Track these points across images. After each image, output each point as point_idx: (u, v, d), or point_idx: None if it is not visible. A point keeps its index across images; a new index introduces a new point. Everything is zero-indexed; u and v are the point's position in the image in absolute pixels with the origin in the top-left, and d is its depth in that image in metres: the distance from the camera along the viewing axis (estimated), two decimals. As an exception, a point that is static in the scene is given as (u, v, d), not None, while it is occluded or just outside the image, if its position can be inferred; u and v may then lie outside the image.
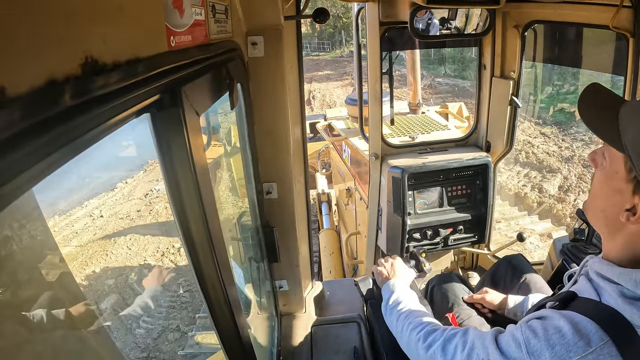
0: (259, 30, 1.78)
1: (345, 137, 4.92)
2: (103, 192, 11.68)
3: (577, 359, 0.98)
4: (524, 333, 1.08)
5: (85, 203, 11.15)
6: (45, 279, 1.23)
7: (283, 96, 1.94)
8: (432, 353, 1.35)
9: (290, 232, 2.27)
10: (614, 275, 1.06)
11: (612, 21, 2.26)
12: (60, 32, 0.54)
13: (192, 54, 1.02)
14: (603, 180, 1.09)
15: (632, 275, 1.02)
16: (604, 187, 1.09)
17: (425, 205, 3.24)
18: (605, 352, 0.96)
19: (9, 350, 0.90)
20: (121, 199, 11.71)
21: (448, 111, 5.58)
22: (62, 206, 10.29)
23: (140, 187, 11.79)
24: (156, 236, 9.65)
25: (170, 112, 0.90)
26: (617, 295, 1.03)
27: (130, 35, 0.75)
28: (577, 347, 0.98)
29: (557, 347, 1.00)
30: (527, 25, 2.87)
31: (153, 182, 11.23)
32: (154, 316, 6.53)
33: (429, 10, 2.84)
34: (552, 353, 1.01)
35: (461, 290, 2.14)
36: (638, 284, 1.00)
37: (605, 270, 1.10)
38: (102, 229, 10.24)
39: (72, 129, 0.55)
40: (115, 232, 10.14)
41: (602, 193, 1.10)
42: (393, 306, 1.69)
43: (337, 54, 42.19)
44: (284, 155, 2.07)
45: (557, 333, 1.02)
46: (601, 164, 1.10)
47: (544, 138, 14.11)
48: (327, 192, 7.30)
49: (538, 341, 1.04)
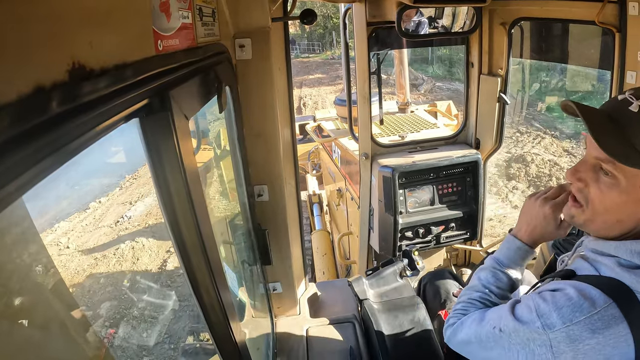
0: (246, 32, 1.77)
1: (335, 138, 4.91)
2: (75, 213, 10.15)
3: (583, 318, 1.02)
4: (534, 300, 1.13)
5: (55, 226, 9.70)
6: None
7: (272, 98, 1.94)
8: (452, 331, 1.38)
9: (282, 234, 2.26)
10: (610, 248, 1.12)
11: (597, 17, 2.29)
12: (47, 38, 0.53)
13: (180, 58, 1.02)
14: (617, 195, 1.09)
15: (628, 246, 1.08)
16: (620, 201, 1.09)
17: (416, 204, 3.25)
18: (609, 314, 1.01)
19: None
20: (92, 224, 9.94)
21: (437, 109, 5.60)
22: (38, 226, 8.67)
23: (114, 209, 10.22)
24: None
25: (159, 117, 0.89)
26: (614, 265, 1.08)
27: (117, 40, 0.74)
28: (582, 308, 1.03)
29: (564, 309, 1.05)
30: (513, 23, 2.90)
31: (126, 206, 9.81)
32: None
33: (417, 9, 2.86)
34: (560, 314, 1.05)
35: (453, 286, 2.15)
36: (634, 253, 1.06)
37: (600, 246, 1.16)
38: (65, 268, 8.24)
39: (60, 136, 0.54)
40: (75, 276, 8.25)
41: (619, 207, 1.10)
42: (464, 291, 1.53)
43: (328, 55, 40.20)
44: (274, 157, 2.06)
45: (565, 297, 1.07)
46: (602, 180, 1.11)
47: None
48: (318, 193, 7.29)
49: (546, 304, 1.09)
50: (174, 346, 6.16)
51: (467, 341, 1.32)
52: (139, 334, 6.44)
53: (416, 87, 20.99)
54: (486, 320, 1.26)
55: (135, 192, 9.36)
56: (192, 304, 3.54)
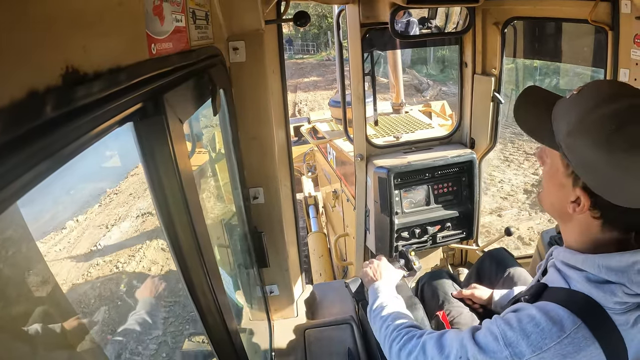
0: (240, 35, 1.77)
1: (329, 140, 4.91)
2: (52, 232, 8.93)
3: (553, 344, 1.00)
4: (499, 326, 1.10)
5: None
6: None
7: (266, 100, 1.94)
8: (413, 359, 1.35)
9: (278, 236, 2.26)
10: (578, 262, 1.10)
11: (590, 15, 2.30)
12: (40, 42, 0.53)
13: (174, 61, 1.02)
14: (548, 176, 1.15)
15: (595, 261, 1.05)
16: (549, 182, 1.15)
17: (412, 204, 3.25)
18: (579, 336, 0.99)
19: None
20: (65, 249, 8.64)
21: (431, 110, 5.60)
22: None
23: (89, 233, 8.68)
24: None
25: (153, 120, 0.89)
26: (583, 280, 1.06)
27: (111, 44, 0.74)
28: (551, 333, 1.01)
29: (533, 336, 1.03)
30: (506, 22, 2.91)
31: (102, 229, 8.07)
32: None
33: (409, 10, 2.87)
34: (528, 342, 1.03)
35: (451, 287, 2.15)
36: (601, 268, 1.03)
37: (569, 259, 1.14)
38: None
39: (55, 140, 0.54)
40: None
41: (549, 188, 1.16)
42: (377, 312, 1.68)
43: (324, 56, 38.98)
44: (269, 159, 2.06)
45: (531, 322, 1.04)
46: (545, 161, 1.15)
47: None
48: (314, 195, 7.28)
49: (513, 332, 1.06)
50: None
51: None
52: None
53: (421, 92, 19.90)
54: (447, 349, 1.24)
55: (113, 213, 8.39)
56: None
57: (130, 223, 7.85)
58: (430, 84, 21.12)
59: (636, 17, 2.14)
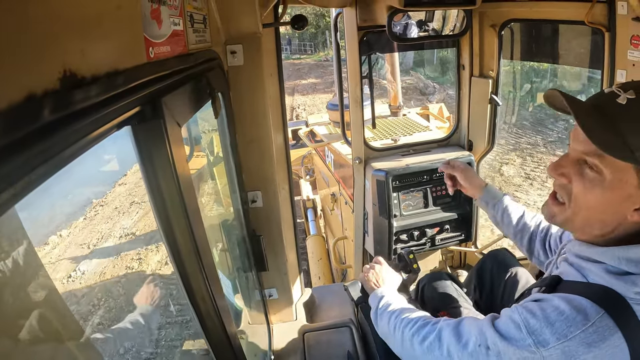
0: (237, 38, 1.77)
1: (327, 143, 4.91)
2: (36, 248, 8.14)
3: (578, 332, 1.00)
4: (522, 314, 1.10)
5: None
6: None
7: (264, 104, 1.94)
8: (428, 345, 1.32)
9: (277, 240, 2.26)
10: (596, 254, 1.10)
11: (587, 16, 2.31)
12: (38, 46, 0.53)
13: (172, 65, 1.02)
14: (601, 192, 1.06)
15: (615, 253, 1.06)
16: (603, 198, 1.06)
17: (410, 207, 3.25)
18: (603, 325, 0.99)
19: None
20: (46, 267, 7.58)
21: (429, 112, 5.61)
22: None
23: (71, 250, 7.67)
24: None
25: (151, 124, 0.89)
26: (603, 272, 1.06)
27: (108, 48, 0.74)
28: (576, 321, 1.00)
29: (557, 324, 1.02)
30: (503, 24, 2.92)
31: (84, 249, 7.05)
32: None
33: (408, 13, 2.87)
34: (553, 330, 1.02)
35: (451, 288, 2.15)
36: (621, 260, 1.04)
37: (585, 251, 1.13)
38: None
39: (53, 144, 0.54)
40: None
41: (602, 204, 1.07)
42: (383, 309, 1.65)
43: (321, 56, 38.25)
44: (267, 163, 2.06)
45: (555, 311, 1.04)
46: (586, 175, 1.08)
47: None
48: (312, 198, 7.28)
49: (537, 320, 1.06)
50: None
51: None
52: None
53: (426, 96, 19.02)
54: (466, 337, 1.22)
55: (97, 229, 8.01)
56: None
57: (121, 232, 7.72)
58: (437, 87, 20.20)
59: (632, 19, 2.15)
